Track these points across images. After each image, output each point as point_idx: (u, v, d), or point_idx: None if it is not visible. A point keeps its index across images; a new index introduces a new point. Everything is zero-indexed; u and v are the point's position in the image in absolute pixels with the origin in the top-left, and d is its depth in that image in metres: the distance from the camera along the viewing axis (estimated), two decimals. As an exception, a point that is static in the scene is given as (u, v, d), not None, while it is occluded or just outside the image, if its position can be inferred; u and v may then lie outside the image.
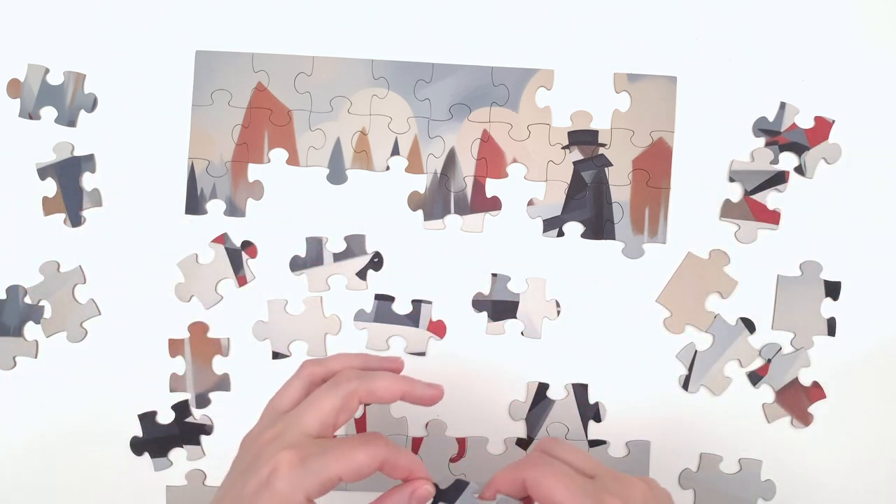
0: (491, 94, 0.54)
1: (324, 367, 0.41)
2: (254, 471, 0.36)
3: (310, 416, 0.38)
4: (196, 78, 0.54)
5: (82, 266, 0.54)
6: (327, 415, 0.38)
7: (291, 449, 0.36)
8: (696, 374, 0.55)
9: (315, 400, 0.39)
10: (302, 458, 0.36)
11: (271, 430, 0.38)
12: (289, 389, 0.41)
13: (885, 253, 0.55)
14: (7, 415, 0.53)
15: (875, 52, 0.56)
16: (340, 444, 0.38)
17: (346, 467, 0.37)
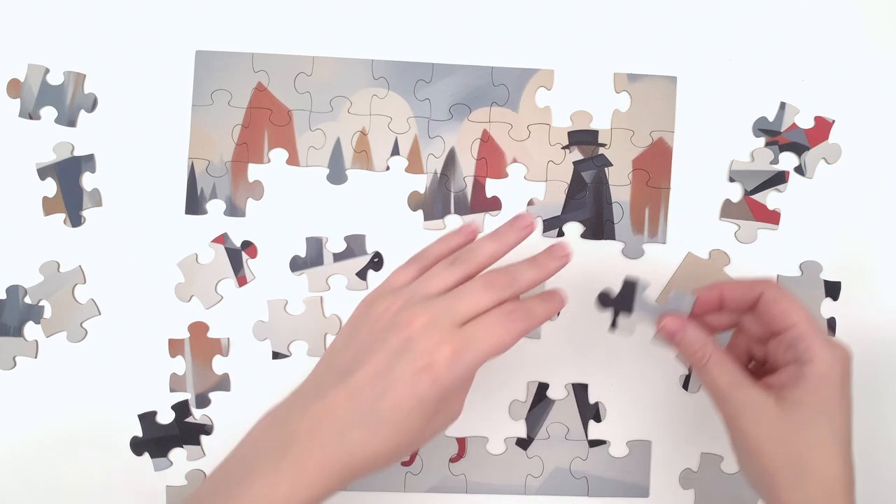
0: (491, 94, 0.55)
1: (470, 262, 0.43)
2: (408, 355, 0.39)
3: (464, 309, 0.40)
4: (196, 78, 0.54)
5: (82, 266, 0.54)
6: (480, 311, 0.40)
7: (448, 343, 0.39)
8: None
9: (472, 296, 0.41)
10: (457, 352, 0.39)
11: (424, 311, 0.40)
12: (443, 277, 0.43)
13: (885, 253, 0.56)
14: (7, 415, 0.53)
15: (875, 52, 0.56)
16: (487, 332, 0.40)
17: (494, 352, 0.40)
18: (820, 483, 0.41)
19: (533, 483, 0.54)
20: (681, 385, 0.55)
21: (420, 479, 0.54)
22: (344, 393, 0.39)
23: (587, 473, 0.55)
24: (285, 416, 0.41)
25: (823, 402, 0.41)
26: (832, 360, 0.41)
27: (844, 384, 0.42)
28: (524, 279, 0.43)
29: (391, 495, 0.54)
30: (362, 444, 0.39)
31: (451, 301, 0.41)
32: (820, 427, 0.41)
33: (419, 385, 0.38)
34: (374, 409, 0.39)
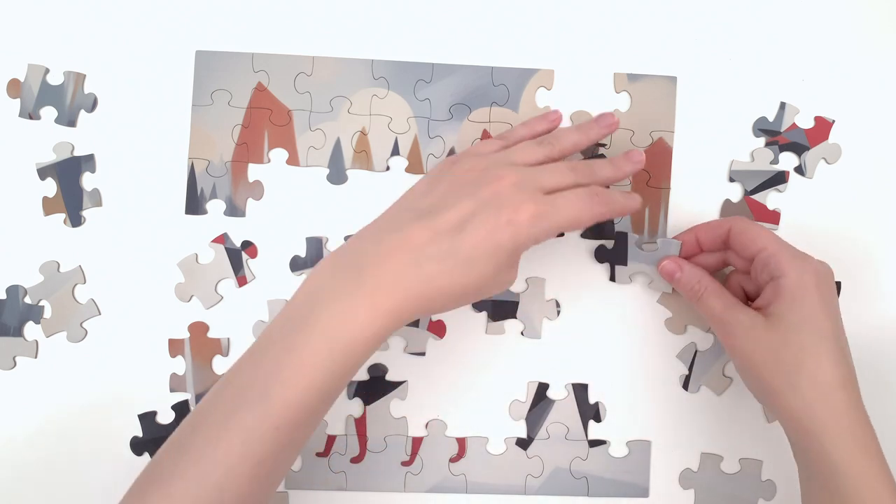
0: (491, 95, 0.55)
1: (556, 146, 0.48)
2: (494, 207, 0.42)
3: (548, 181, 0.44)
4: (196, 78, 0.54)
5: (82, 266, 0.54)
6: (560, 187, 0.44)
7: (532, 204, 0.42)
8: (697, 373, 0.55)
9: (557, 173, 0.45)
10: (540, 214, 0.42)
11: (513, 173, 0.44)
12: (531, 153, 0.47)
13: (885, 253, 0.56)
14: (7, 415, 0.53)
15: (875, 52, 0.56)
16: (569, 203, 0.44)
17: (571, 224, 0.44)
18: (813, 384, 0.44)
19: (533, 483, 0.54)
20: (681, 385, 0.55)
21: (420, 479, 0.54)
22: (425, 229, 0.42)
23: (587, 473, 0.55)
24: (357, 248, 0.43)
25: (802, 310, 0.45)
26: (802, 270, 0.46)
27: (822, 290, 0.45)
28: (602, 174, 0.47)
29: (391, 495, 0.54)
30: (438, 275, 0.41)
31: (538, 171, 0.45)
32: (803, 333, 0.45)
33: (500, 234, 0.42)
34: (454, 246, 0.41)
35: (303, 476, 0.54)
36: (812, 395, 0.44)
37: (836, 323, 0.46)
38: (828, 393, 0.44)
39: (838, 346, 0.45)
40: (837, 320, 0.46)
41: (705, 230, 0.51)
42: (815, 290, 0.45)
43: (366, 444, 0.54)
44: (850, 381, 0.44)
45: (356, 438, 0.54)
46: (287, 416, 0.40)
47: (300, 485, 0.53)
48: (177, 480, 0.39)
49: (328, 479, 0.54)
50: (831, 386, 0.44)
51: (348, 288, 0.41)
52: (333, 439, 0.54)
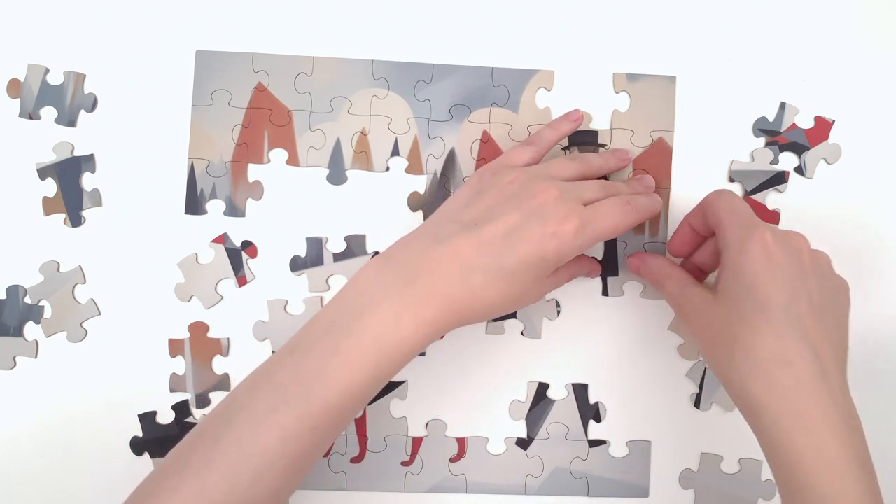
0: (491, 95, 0.56)
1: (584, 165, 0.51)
2: (540, 219, 0.44)
3: (586, 194, 0.47)
4: (196, 78, 0.55)
5: (82, 266, 0.55)
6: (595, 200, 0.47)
7: (576, 216, 0.44)
8: (708, 391, 0.56)
9: (591, 187, 0.48)
10: (583, 225, 0.44)
11: (553, 187, 0.46)
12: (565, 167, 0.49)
13: (885, 253, 0.57)
14: (7, 415, 0.54)
15: (875, 52, 0.57)
16: (607, 214, 0.46)
17: (611, 233, 0.46)
18: (747, 358, 0.42)
19: (533, 483, 0.55)
20: (692, 404, 0.56)
21: (420, 479, 0.55)
22: (472, 241, 0.44)
23: (587, 473, 0.56)
24: (403, 256, 0.45)
25: (743, 280, 0.44)
26: (745, 239, 0.44)
27: (771, 259, 0.43)
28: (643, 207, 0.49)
29: (391, 495, 0.55)
30: (483, 287, 0.43)
31: (576, 185, 0.47)
32: (742, 303, 0.43)
33: (546, 247, 0.43)
34: (501, 259, 0.43)
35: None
36: (747, 369, 0.42)
37: (788, 293, 0.42)
38: (765, 368, 0.41)
39: (786, 318, 0.42)
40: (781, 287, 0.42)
41: (693, 215, 0.50)
42: (759, 259, 0.43)
43: (366, 444, 0.55)
44: (801, 355, 0.41)
45: (356, 438, 0.55)
46: (325, 418, 0.41)
47: (300, 485, 0.54)
48: (212, 473, 0.40)
49: (328, 479, 0.54)
50: (770, 362, 0.41)
51: (397, 295, 0.43)
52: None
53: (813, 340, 0.42)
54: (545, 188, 0.45)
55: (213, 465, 0.40)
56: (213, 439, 0.42)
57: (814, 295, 0.43)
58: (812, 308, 0.43)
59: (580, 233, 0.44)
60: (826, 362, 0.42)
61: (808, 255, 0.45)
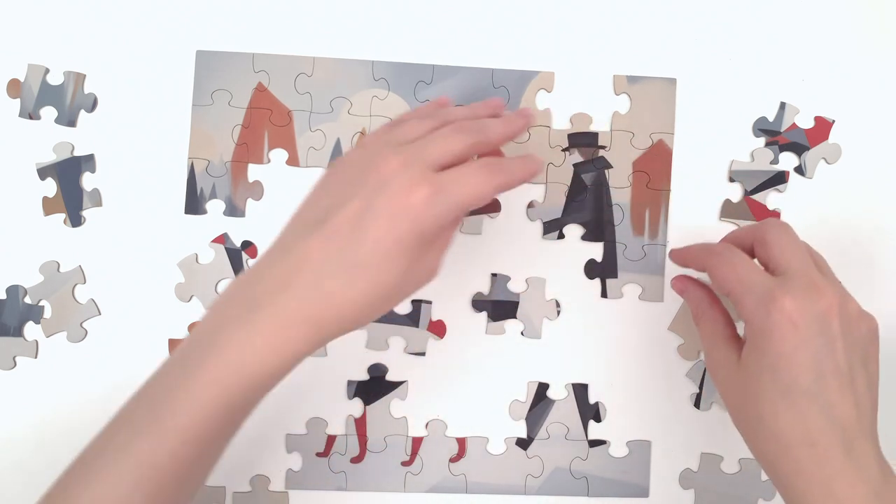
0: (491, 96, 0.56)
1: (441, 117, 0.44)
2: (385, 195, 0.39)
3: (436, 152, 0.40)
4: (196, 78, 0.56)
5: (82, 266, 0.55)
6: (451, 158, 0.41)
7: (425, 183, 0.39)
8: (708, 391, 0.56)
9: (442, 139, 0.41)
10: (435, 193, 0.39)
11: (396, 156, 0.40)
12: (413, 127, 0.43)
13: (884, 253, 0.57)
14: (7, 415, 0.55)
15: (875, 52, 0.57)
16: (465, 179, 0.40)
17: (472, 199, 0.40)
18: (772, 436, 0.41)
19: (533, 483, 0.56)
20: (692, 404, 0.56)
21: (420, 479, 0.55)
22: (317, 241, 0.39)
23: (587, 473, 0.56)
24: (253, 275, 0.41)
25: (764, 359, 0.42)
26: (762, 315, 0.42)
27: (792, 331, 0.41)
28: (493, 130, 0.43)
29: (391, 495, 0.55)
30: (341, 290, 0.39)
31: (423, 144, 0.41)
32: (764, 382, 0.42)
33: (398, 224, 0.38)
34: (352, 251, 0.39)
35: (302, 476, 0.55)
36: (770, 448, 0.42)
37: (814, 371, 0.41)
38: (789, 450, 0.41)
39: (811, 399, 0.40)
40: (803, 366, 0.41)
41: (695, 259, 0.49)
42: (783, 338, 0.41)
43: (366, 444, 0.55)
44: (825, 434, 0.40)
45: (356, 438, 0.55)
46: (183, 443, 0.39)
47: (300, 485, 0.55)
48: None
49: (328, 480, 0.55)
50: (794, 443, 0.41)
51: (245, 318, 0.39)
52: (333, 439, 0.55)
53: (839, 415, 0.40)
54: (386, 158, 0.40)
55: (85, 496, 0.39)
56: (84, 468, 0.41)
57: (841, 363, 0.41)
58: (839, 380, 0.41)
59: (433, 201, 0.38)
60: (853, 433, 0.40)
61: (837, 316, 0.42)
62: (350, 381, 0.55)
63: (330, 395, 0.55)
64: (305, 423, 0.55)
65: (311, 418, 0.55)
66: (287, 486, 0.55)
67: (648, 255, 0.56)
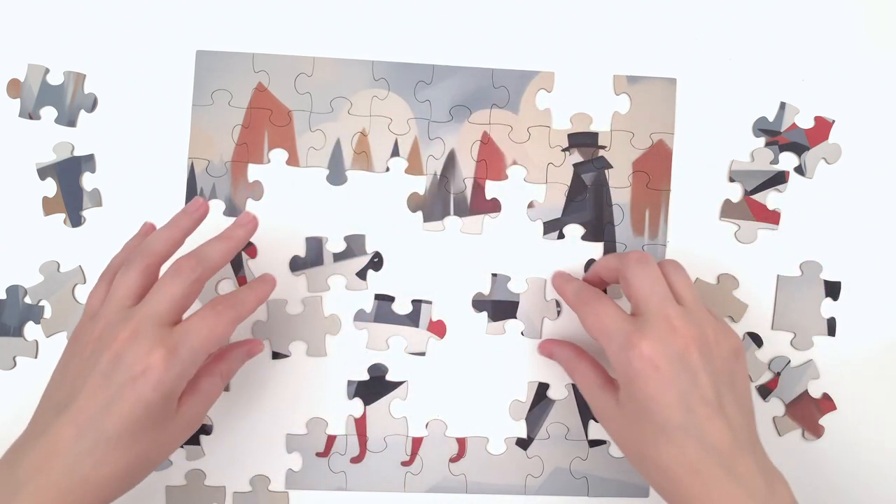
0: (491, 96, 0.57)
1: (146, 255, 0.45)
2: (122, 369, 0.41)
3: (162, 308, 0.43)
4: (196, 78, 0.56)
5: (82, 266, 0.56)
6: (180, 304, 0.43)
7: (159, 345, 0.41)
8: None
9: (165, 291, 0.43)
10: (171, 350, 0.41)
11: (125, 326, 0.42)
12: (126, 282, 0.44)
13: (885, 253, 0.58)
14: (7, 415, 0.55)
15: (875, 52, 0.58)
16: (197, 326, 0.43)
17: (209, 342, 0.43)
18: (659, 470, 0.44)
19: (533, 483, 0.56)
20: None
21: (420, 479, 0.56)
22: (66, 424, 0.41)
23: (587, 473, 0.56)
24: (14, 457, 0.42)
25: (636, 402, 0.44)
26: (623, 361, 0.44)
27: (654, 373, 0.43)
28: (213, 255, 0.45)
29: (391, 495, 0.55)
30: (95, 468, 0.40)
31: (148, 306, 0.43)
32: (642, 423, 0.44)
33: (142, 392, 0.41)
34: (101, 429, 0.40)
35: (303, 476, 0.55)
36: (659, 480, 0.44)
37: (683, 407, 0.43)
38: (676, 481, 0.43)
39: (686, 432, 0.43)
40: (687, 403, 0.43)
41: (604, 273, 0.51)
42: (647, 382, 0.43)
43: (366, 444, 0.55)
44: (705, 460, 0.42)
45: (356, 438, 0.55)
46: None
47: (300, 485, 0.55)
48: None
49: (328, 479, 0.55)
50: (679, 474, 0.43)
51: (10, 501, 0.40)
52: (333, 439, 0.55)
53: (714, 442, 0.42)
54: (116, 333, 0.42)
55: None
56: None
57: (707, 393, 0.43)
58: (708, 408, 0.43)
59: (172, 359, 0.41)
60: (731, 454, 0.42)
61: (695, 349, 0.44)
62: (350, 381, 0.56)
63: (330, 395, 0.55)
64: (305, 423, 0.56)
65: (312, 418, 0.56)
66: (287, 485, 0.55)
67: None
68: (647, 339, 0.44)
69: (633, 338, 0.44)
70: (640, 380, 0.43)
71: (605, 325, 0.46)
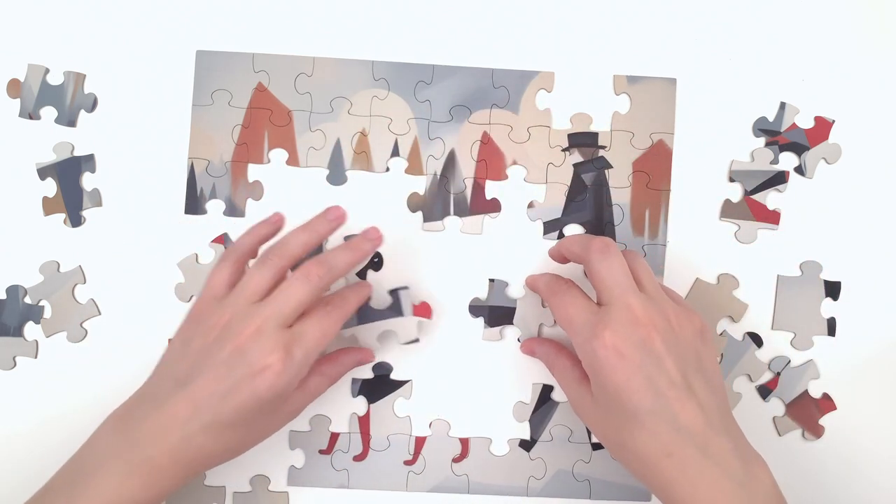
0: (491, 96, 0.58)
1: (283, 256, 0.49)
2: (243, 363, 0.45)
3: (287, 309, 0.46)
4: (196, 78, 0.58)
5: (82, 266, 0.57)
6: (302, 308, 0.47)
7: (279, 347, 0.45)
8: None
9: (292, 294, 0.47)
10: (288, 353, 0.45)
11: (251, 322, 0.46)
12: (259, 279, 0.48)
13: (885, 253, 0.59)
14: (7, 415, 0.56)
15: (875, 52, 0.59)
16: (312, 329, 0.47)
17: (321, 345, 0.47)
18: (636, 457, 0.45)
19: (535, 485, 0.57)
20: None
21: (422, 479, 0.57)
22: (184, 401, 0.45)
23: (590, 476, 0.57)
24: (127, 421, 0.46)
25: (606, 391, 0.46)
26: (589, 352, 0.46)
27: (620, 362, 0.44)
28: (339, 264, 0.49)
29: (393, 494, 0.56)
30: (208, 444, 0.45)
31: (274, 306, 0.46)
32: (614, 411, 0.46)
33: (258, 388, 0.44)
34: (217, 413, 0.44)
35: (305, 473, 0.56)
36: (637, 466, 0.46)
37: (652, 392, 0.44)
38: (652, 464, 0.44)
39: (656, 417, 0.44)
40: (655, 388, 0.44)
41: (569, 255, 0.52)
42: (613, 370, 0.44)
43: (369, 443, 0.56)
44: (677, 443, 0.44)
45: (359, 436, 0.57)
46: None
47: (302, 482, 0.56)
48: None
49: (330, 477, 0.56)
50: (654, 458, 0.44)
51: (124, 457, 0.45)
52: (336, 437, 0.57)
53: (686, 424, 0.44)
54: (243, 327, 0.45)
55: None
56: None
57: (674, 376, 0.44)
58: (677, 392, 0.44)
59: (289, 360, 0.45)
60: (704, 435, 0.44)
61: (658, 335, 0.45)
62: (355, 380, 0.57)
63: (334, 392, 0.56)
64: (309, 420, 0.57)
65: (315, 415, 0.57)
66: (289, 483, 0.56)
67: (648, 256, 0.58)
68: (610, 329, 0.45)
69: (596, 328, 0.45)
70: (607, 369, 0.45)
71: (571, 316, 0.48)
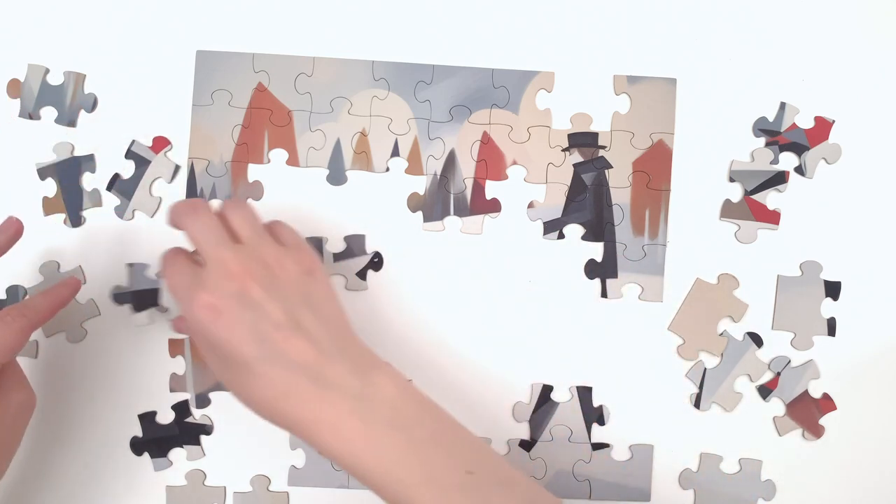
0: (491, 96, 0.59)
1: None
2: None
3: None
4: (196, 78, 0.59)
5: (82, 266, 0.58)
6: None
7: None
8: (707, 391, 0.59)
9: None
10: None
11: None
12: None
13: (885, 253, 0.60)
14: (6, 415, 0.58)
15: (876, 51, 0.61)
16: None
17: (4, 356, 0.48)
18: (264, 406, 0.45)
19: (534, 484, 0.59)
20: (692, 404, 0.59)
21: (421, 479, 0.58)
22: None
23: (590, 476, 0.58)
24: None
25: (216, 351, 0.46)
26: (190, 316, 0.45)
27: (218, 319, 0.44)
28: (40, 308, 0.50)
29: (392, 494, 0.58)
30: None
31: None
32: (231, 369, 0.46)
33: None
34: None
35: (305, 473, 0.58)
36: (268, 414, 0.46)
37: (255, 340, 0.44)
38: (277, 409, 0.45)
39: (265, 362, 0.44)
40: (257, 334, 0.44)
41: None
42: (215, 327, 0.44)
43: (368, 442, 0.58)
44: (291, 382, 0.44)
45: (358, 436, 0.58)
46: None
47: (302, 482, 0.58)
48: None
49: (331, 477, 0.58)
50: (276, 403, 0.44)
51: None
52: (335, 438, 0.58)
53: (297, 359, 0.44)
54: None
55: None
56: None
57: (279, 317, 0.44)
58: (283, 332, 0.44)
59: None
60: (318, 366, 0.44)
61: (255, 282, 0.45)
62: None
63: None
64: (307, 421, 0.58)
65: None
66: (290, 482, 0.58)
67: (648, 256, 0.59)
68: (203, 288, 0.44)
69: (191, 291, 0.45)
70: (209, 329, 0.44)
71: (173, 285, 0.47)
